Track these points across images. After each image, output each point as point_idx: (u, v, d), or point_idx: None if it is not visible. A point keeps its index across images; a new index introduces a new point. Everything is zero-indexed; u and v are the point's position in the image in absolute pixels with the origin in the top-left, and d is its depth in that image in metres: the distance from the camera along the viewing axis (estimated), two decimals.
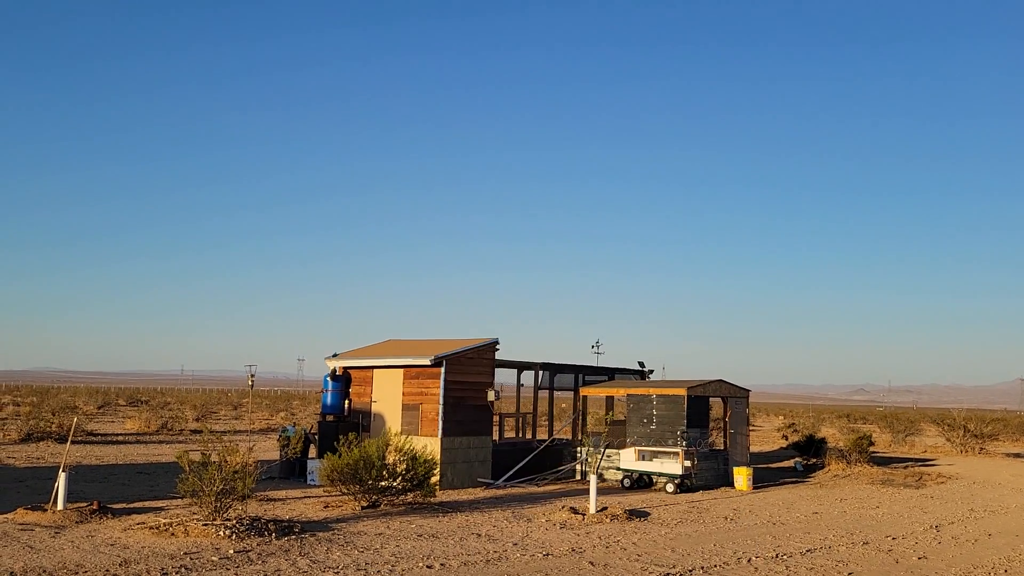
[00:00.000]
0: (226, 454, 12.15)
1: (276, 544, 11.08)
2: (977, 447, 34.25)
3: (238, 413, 53.94)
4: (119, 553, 10.24)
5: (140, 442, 28.78)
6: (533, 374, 22.28)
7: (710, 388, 20.58)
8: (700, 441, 19.67)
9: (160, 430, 34.08)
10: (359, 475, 14.21)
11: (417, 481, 14.81)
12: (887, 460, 28.41)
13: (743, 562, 11.06)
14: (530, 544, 11.82)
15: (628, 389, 21.06)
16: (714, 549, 11.92)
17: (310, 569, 9.75)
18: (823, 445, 26.47)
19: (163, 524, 11.84)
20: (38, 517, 12.45)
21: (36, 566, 9.42)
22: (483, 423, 19.37)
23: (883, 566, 11.10)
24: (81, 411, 45.30)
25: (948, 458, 31.26)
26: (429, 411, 18.61)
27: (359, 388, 20.26)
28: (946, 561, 11.58)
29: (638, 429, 20.05)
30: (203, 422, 37.09)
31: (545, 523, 13.73)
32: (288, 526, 12.07)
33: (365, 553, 10.80)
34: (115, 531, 11.70)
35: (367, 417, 19.86)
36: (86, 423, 34.20)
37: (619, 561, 10.83)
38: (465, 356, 18.94)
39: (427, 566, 10.14)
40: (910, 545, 12.77)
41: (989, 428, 36.84)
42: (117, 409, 55.56)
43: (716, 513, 15.66)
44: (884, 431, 44.05)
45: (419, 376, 18.92)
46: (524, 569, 10.17)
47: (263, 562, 10.01)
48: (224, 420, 45.63)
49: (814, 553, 11.88)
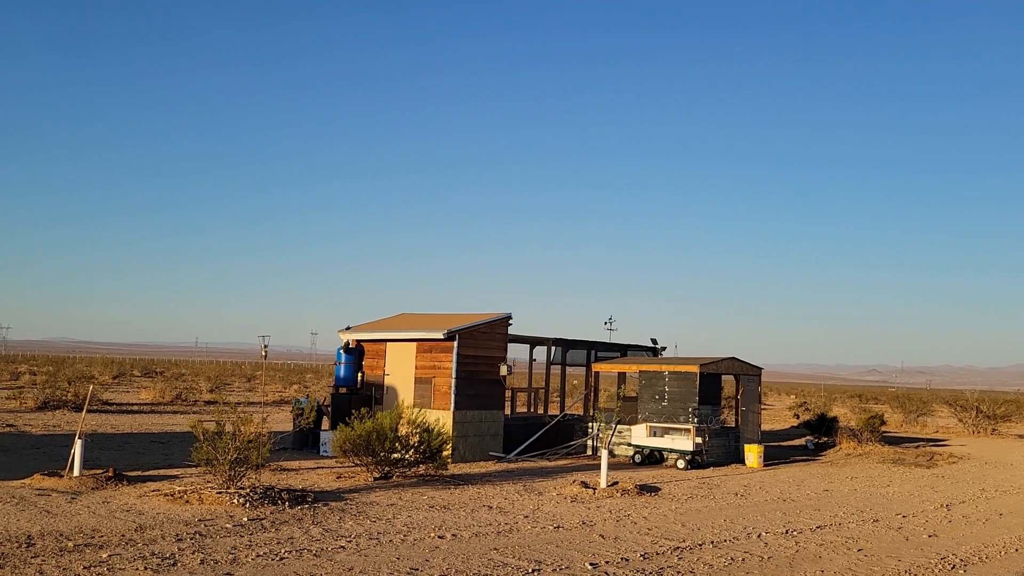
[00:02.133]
0: (240, 424, 12.24)
1: (289, 513, 11.18)
2: (989, 428, 34.13)
3: (252, 385, 54.36)
4: (134, 519, 10.37)
5: (155, 412, 29.08)
6: (546, 349, 22.31)
7: (722, 366, 20.55)
8: (712, 418, 19.67)
9: (175, 400, 34.40)
10: (372, 446, 14.31)
11: (430, 453, 14.90)
12: (898, 440, 28.35)
13: (753, 537, 11.09)
14: (541, 517, 11.89)
15: (640, 365, 21.06)
16: (724, 524, 11.95)
17: (323, 537, 9.85)
18: (834, 424, 26.43)
19: (178, 492, 11.97)
20: (55, 483, 12.61)
21: (53, 530, 9.55)
22: (495, 397, 19.43)
23: (893, 543, 11.11)
24: (97, 381, 45.74)
25: (960, 439, 31.17)
26: (442, 384, 18.67)
27: (372, 361, 20.34)
28: (956, 539, 11.57)
29: (650, 405, 20.06)
30: (217, 393, 37.44)
31: (556, 496, 13.80)
32: (301, 495, 12.19)
33: (377, 523, 10.89)
34: (130, 497, 11.84)
35: (380, 390, 19.96)
36: (101, 393, 34.55)
37: (629, 535, 10.87)
38: (478, 330, 18.97)
39: (439, 536, 10.22)
40: (920, 523, 12.76)
41: (1002, 409, 36.71)
42: (132, 379, 56.11)
43: (726, 489, 15.69)
44: (896, 411, 43.93)
45: (432, 350, 18.97)
46: (535, 541, 10.23)
47: (276, 530, 10.12)
48: (238, 392, 46.01)
49: (824, 529, 11.89)
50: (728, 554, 9.98)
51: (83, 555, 8.51)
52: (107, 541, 9.15)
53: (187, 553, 8.76)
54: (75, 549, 8.73)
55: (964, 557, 10.41)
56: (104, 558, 8.41)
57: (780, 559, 9.87)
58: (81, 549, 8.74)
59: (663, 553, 9.86)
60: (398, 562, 8.87)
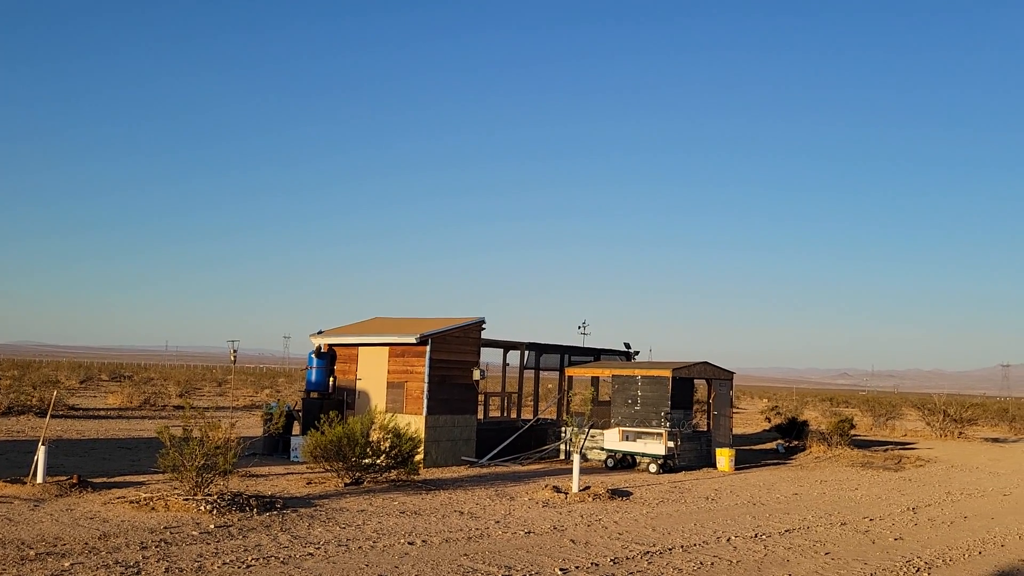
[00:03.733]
0: (208, 429, 12.10)
1: (257, 519, 11.06)
2: (956, 431, 34.62)
3: (222, 390, 53.81)
4: (98, 527, 10.20)
5: (122, 417, 28.66)
6: (519, 354, 22.30)
7: (695, 370, 20.66)
8: (684, 422, 19.77)
9: (143, 405, 33.93)
10: (343, 452, 14.20)
11: (401, 459, 14.81)
12: (868, 443, 28.68)
13: (722, 541, 11.15)
14: (512, 522, 11.86)
15: (613, 370, 21.12)
16: (694, 528, 12.01)
17: (291, 544, 9.75)
18: (805, 428, 26.69)
19: (143, 498, 11.80)
20: (17, 490, 12.37)
21: (14, 538, 9.36)
22: (468, 402, 19.38)
23: (860, 546, 11.22)
24: (63, 385, 45.00)
25: (927, 442, 31.60)
26: (414, 389, 18.59)
27: (344, 366, 20.21)
28: (921, 542, 11.72)
29: (623, 410, 20.12)
30: (186, 398, 37.03)
31: (528, 501, 13.78)
32: (270, 502, 12.06)
33: (347, 529, 10.81)
34: (95, 505, 11.65)
35: (352, 395, 19.83)
36: (68, 397, 33.99)
37: (600, 539, 10.88)
38: (451, 335, 18.92)
39: (408, 542, 10.16)
40: (887, 526, 12.91)
41: (968, 413, 37.28)
42: (99, 384, 55.30)
43: (697, 493, 15.77)
44: (866, 415, 44.48)
45: (404, 354, 18.89)
46: (506, 546, 10.21)
47: (244, 537, 10.00)
48: (208, 396, 45.52)
49: (792, 533, 11.99)
50: (697, 558, 10.02)
51: (45, 564, 8.35)
52: (70, 549, 8.99)
53: (152, 561, 8.63)
54: (36, 558, 8.57)
55: (929, 560, 10.54)
56: (67, 567, 8.26)
57: (748, 563, 9.93)
58: (43, 558, 8.58)
59: (633, 558, 9.88)
60: (367, 569, 8.80)
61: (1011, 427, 43.42)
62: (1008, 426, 43.99)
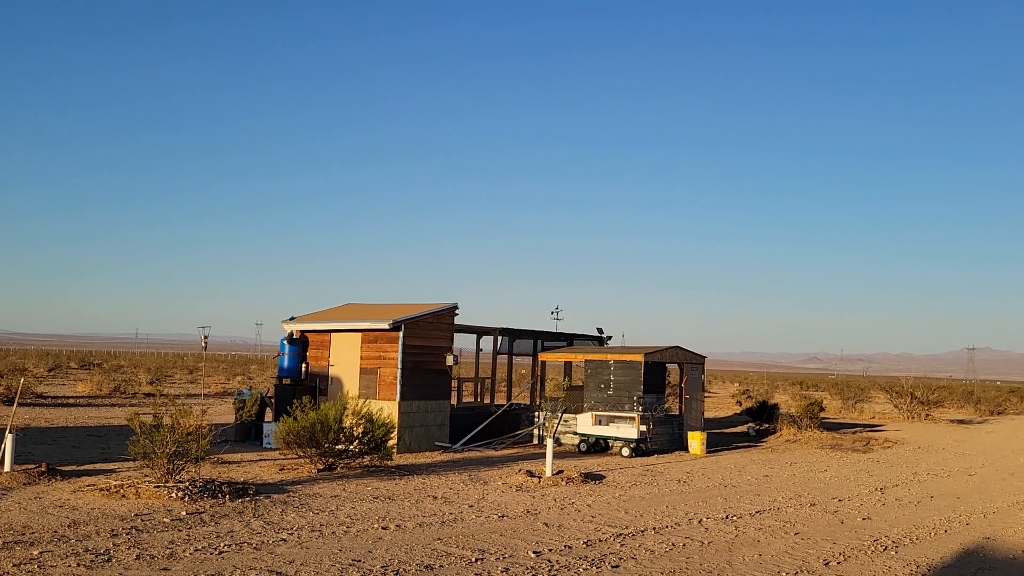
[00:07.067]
0: (179, 416, 11.99)
1: (230, 506, 11.00)
2: (923, 413, 35.25)
3: (194, 377, 53.33)
4: (68, 515, 10.09)
5: (92, 405, 28.31)
6: (492, 339, 22.32)
7: (667, 354, 20.81)
8: (656, 406, 19.92)
9: (113, 393, 33.52)
10: (316, 438, 14.15)
11: (374, 444, 14.79)
12: (837, 426, 29.10)
13: (694, 523, 11.28)
14: (486, 506, 11.91)
15: (586, 355, 21.21)
16: (666, 511, 12.13)
17: (264, 530, 9.71)
18: (775, 411, 27.02)
19: (114, 486, 11.68)
20: None
21: None
22: (441, 387, 19.38)
23: (829, 526, 11.41)
24: (31, 373, 44.37)
25: (895, 424, 32.15)
26: (387, 375, 18.55)
27: (317, 352, 20.11)
28: (889, 522, 11.93)
29: (595, 394, 20.23)
30: (157, 385, 36.65)
31: (501, 486, 13.84)
32: (242, 488, 12.00)
33: (320, 515, 10.78)
34: (64, 493, 11.52)
35: (324, 381, 19.74)
36: (36, 385, 33.52)
37: (573, 522, 10.96)
38: (424, 320, 18.88)
39: (382, 527, 10.16)
40: (855, 507, 13.13)
41: (935, 395, 38.01)
42: (68, 372, 54.54)
43: (670, 476, 15.92)
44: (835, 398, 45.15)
45: (377, 340, 18.82)
46: (479, 530, 10.25)
47: (216, 523, 9.95)
48: (179, 384, 45.10)
49: (763, 514, 12.15)
50: (669, 540, 10.13)
51: (13, 552, 8.25)
52: (38, 538, 8.89)
53: (122, 548, 8.56)
54: (4, 547, 8.46)
55: (896, 539, 10.75)
56: (35, 555, 8.17)
57: (720, 544, 10.06)
58: (11, 547, 8.48)
59: (606, 540, 9.97)
60: (340, 554, 8.79)
61: (976, 409, 44.32)
62: (973, 408, 44.91)
